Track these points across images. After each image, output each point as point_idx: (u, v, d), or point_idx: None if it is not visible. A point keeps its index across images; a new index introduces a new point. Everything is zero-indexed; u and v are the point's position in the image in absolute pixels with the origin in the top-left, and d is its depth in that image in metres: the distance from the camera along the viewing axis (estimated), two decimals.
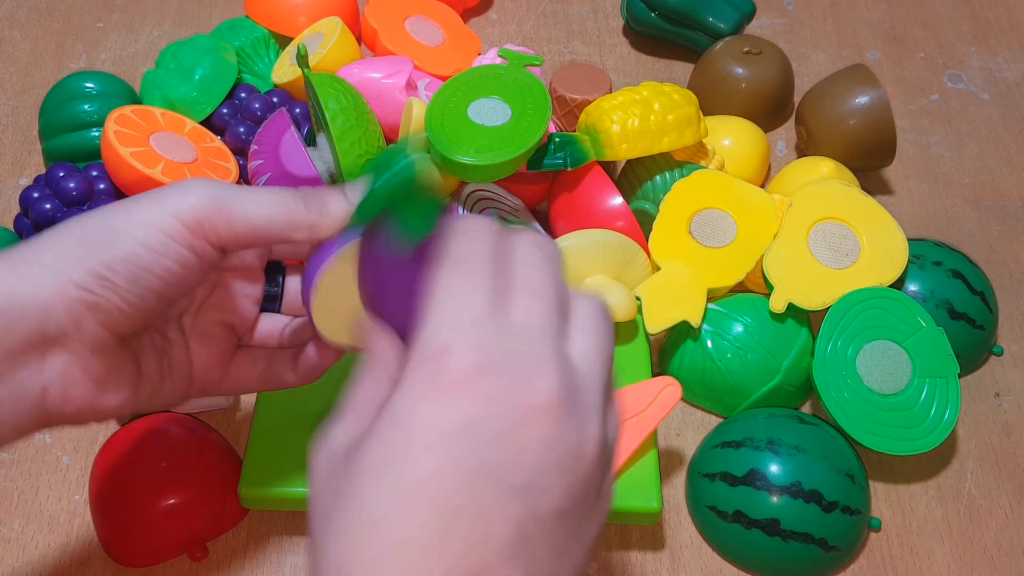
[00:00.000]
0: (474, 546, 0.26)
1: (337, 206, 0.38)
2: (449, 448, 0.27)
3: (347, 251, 0.37)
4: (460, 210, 0.60)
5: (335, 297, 0.38)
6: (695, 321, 0.56)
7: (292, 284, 0.45)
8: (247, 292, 0.43)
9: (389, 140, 0.65)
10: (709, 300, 0.58)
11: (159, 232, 0.36)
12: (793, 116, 0.75)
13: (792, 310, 0.56)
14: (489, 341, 0.28)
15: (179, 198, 0.37)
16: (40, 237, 0.36)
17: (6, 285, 0.34)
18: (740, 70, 0.72)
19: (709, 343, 0.57)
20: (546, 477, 0.27)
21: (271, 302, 0.44)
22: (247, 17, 0.77)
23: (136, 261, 0.36)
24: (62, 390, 0.36)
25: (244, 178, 0.69)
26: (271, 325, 0.45)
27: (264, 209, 0.37)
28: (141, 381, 0.39)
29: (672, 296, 0.56)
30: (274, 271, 0.44)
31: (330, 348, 0.43)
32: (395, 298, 0.32)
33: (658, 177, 0.62)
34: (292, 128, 0.60)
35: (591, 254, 0.56)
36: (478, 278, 0.30)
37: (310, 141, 0.63)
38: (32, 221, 0.63)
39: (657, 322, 0.56)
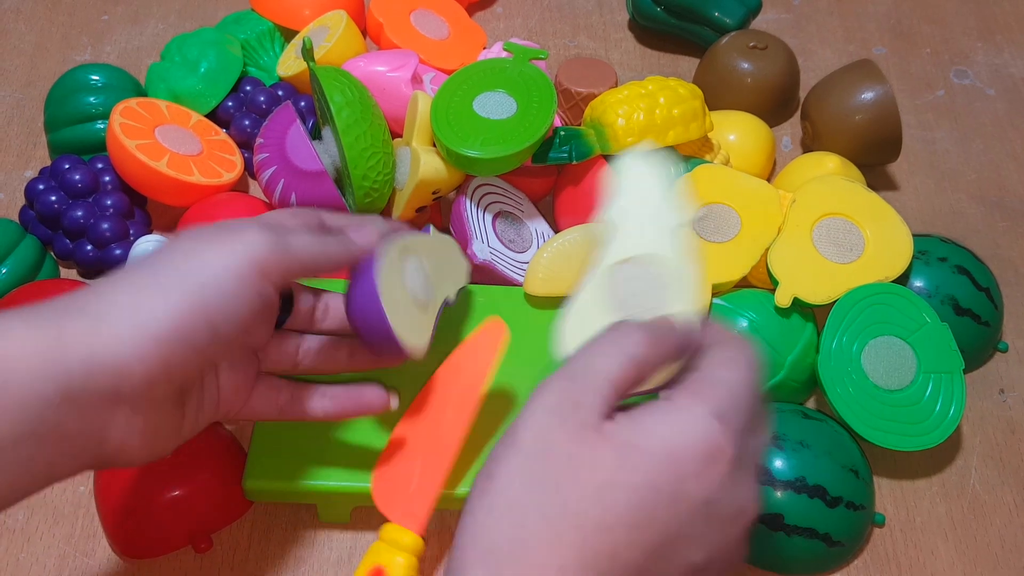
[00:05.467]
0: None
1: (362, 239, 0.42)
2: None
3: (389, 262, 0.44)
4: (467, 203, 0.59)
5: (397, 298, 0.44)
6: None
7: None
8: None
9: (394, 134, 0.65)
10: (714, 295, 0.58)
11: (236, 278, 0.36)
12: (799, 111, 0.75)
13: (797, 305, 0.56)
14: None
15: (248, 243, 0.37)
16: (114, 284, 0.36)
17: (86, 347, 0.34)
18: (746, 65, 0.71)
19: None
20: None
21: (284, 314, 0.45)
22: (252, 10, 0.77)
23: (217, 310, 0.36)
24: (120, 443, 0.36)
25: (249, 171, 0.69)
26: (285, 345, 0.46)
27: (309, 249, 0.40)
28: (184, 423, 0.40)
29: None
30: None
31: (364, 355, 0.47)
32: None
33: None
34: (297, 121, 0.60)
35: (595, 248, 0.56)
36: None
37: (315, 134, 0.63)
38: (37, 213, 0.63)
39: None
